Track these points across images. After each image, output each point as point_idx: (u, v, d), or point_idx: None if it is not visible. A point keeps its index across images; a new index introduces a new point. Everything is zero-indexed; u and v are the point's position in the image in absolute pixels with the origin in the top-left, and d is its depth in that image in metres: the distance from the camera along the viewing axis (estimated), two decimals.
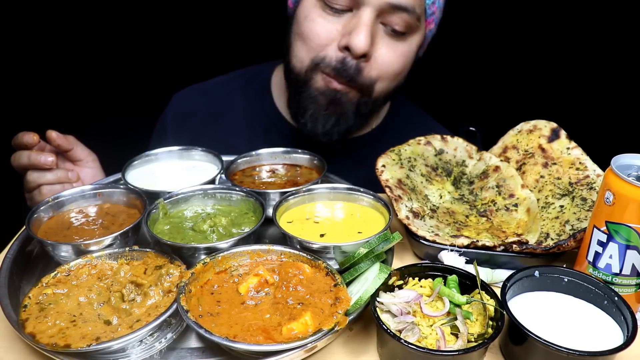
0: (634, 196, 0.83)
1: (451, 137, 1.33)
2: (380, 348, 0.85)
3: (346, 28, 1.27)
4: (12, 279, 0.97)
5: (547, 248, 1.01)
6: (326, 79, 1.32)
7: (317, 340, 0.78)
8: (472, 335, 0.80)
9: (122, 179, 1.22)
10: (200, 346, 0.87)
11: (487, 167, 1.27)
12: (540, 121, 1.28)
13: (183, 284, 0.86)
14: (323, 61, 1.30)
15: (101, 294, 0.88)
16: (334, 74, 1.30)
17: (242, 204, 1.15)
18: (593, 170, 1.15)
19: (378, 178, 1.15)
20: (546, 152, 1.22)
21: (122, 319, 0.83)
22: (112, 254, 0.96)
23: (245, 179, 1.30)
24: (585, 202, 1.09)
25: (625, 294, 0.90)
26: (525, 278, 0.89)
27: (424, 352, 0.74)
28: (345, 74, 1.28)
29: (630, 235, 0.86)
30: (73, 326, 0.81)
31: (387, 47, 1.31)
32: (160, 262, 0.93)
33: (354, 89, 1.33)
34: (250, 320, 0.82)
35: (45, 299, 0.86)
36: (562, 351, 0.73)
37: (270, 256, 0.96)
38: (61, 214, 1.10)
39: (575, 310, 0.87)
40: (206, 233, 1.04)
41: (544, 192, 1.16)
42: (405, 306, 0.83)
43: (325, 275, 0.91)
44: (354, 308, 0.83)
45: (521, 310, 0.84)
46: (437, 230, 1.07)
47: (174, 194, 1.13)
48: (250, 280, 0.89)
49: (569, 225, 1.05)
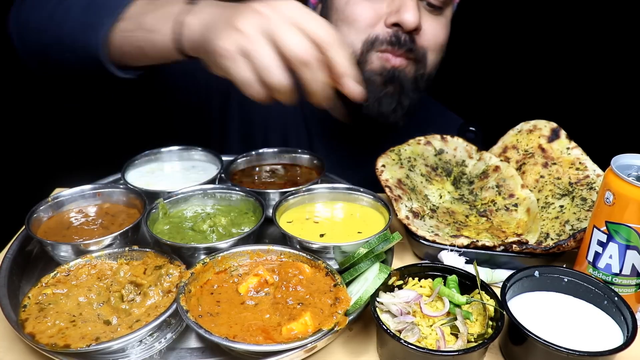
0: (634, 196, 0.83)
1: (451, 137, 1.33)
2: (380, 348, 0.85)
3: (391, 7, 1.32)
4: (12, 279, 0.97)
5: (547, 248, 1.01)
6: (382, 58, 1.35)
7: (317, 340, 0.78)
8: (472, 335, 0.80)
9: (122, 179, 1.22)
10: (200, 346, 0.87)
11: (487, 167, 1.27)
12: (540, 121, 1.27)
13: (183, 284, 0.85)
14: (377, 39, 1.34)
15: (101, 294, 0.88)
16: (391, 49, 1.34)
17: (242, 204, 1.15)
18: (593, 170, 1.15)
19: (378, 178, 1.15)
20: (546, 152, 1.22)
21: (122, 319, 0.83)
22: (111, 254, 0.96)
23: (245, 178, 1.30)
24: (585, 202, 1.09)
25: (625, 294, 0.90)
26: (525, 278, 0.89)
27: (424, 352, 0.74)
28: (401, 45, 1.33)
29: (630, 235, 0.86)
30: (73, 326, 0.81)
31: (430, 21, 1.38)
32: (160, 262, 0.93)
33: (411, 61, 1.37)
34: (250, 321, 0.82)
35: (45, 299, 0.86)
36: (562, 351, 0.73)
37: (270, 256, 0.96)
38: (61, 214, 1.10)
39: (575, 310, 0.87)
40: (206, 233, 1.04)
41: (544, 192, 1.16)
42: (405, 306, 0.83)
43: (325, 276, 0.91)
44: (354, 308, 0.83)
45: (521, 310, 0.84)
46: (437, 230, 1.07)
47: (174, 194, 1.13)
48: (250, 280, 0.89)
49: (569, 225, 1.05)
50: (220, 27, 0.92)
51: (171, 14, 1.04)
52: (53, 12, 1.20)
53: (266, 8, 0.90)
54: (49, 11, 1.20)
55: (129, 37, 1.12)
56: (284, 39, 0.87)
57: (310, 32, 0.89)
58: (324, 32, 0.89)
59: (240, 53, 0.88)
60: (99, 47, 1.13)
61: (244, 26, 0.88)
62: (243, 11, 0.91)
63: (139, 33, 1.11)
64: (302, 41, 0.88)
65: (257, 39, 0.88)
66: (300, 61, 0.88)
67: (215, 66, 0.93)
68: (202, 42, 0.96)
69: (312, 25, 0.89)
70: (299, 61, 0.88)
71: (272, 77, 0.88)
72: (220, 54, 0.90)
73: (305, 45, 0.88)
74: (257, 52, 0.87)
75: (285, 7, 0.91)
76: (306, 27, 0.89)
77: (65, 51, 1.18)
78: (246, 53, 0.88)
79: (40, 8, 1.22)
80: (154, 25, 1.08)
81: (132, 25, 1.12)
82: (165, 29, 1.04)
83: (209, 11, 0.99)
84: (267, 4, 0.90)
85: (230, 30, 0.89)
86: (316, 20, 0.91)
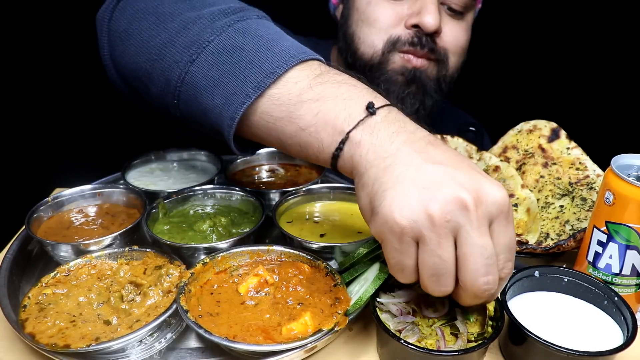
0: (634, 196, 0.83)
1: (451, 137, 1.33)
2: (380, 348, 0.85)
3: (412, 9, 1.34)
4: (12, 278, 0.97)
5: (547, 248, 1.01)
6: (404, 58, 1.38)
7: (317, 340, 0.78)
8: (472, 335, 0.80)
9: (122, 179, 1.22)
10: (200, 346, 0.87)
11: (487, 167, 1.27)
12: (540, 121, 1.28)
13: (183, 284, 0.85)
14: (399, 40, 1.36)
15: (101, 294, 0.88)
16: (413, 49, 1.36)
17: (242, 204, 1.15)
18: (593, 170, 1.15)
19: None
20: (546, 152, 1.22)
21: (122, 319, 0.83)
22: (111, 254, 0.96)
23: (245, 178, 1.30)
24: (585, 202, 1.09)
25: (625, 294, 0.90)
26: (525, 278, 0.89)
27: (424, 352, 0.74)
28: (423, 45, 1.35)
29: (630, 235, 0.86)
30: (72, 326, 0.81)
31: (451, 24, 1.40)
32: (160, 262, 0.93)
33: (432, 62, 1.39)
34: (250, 321, 0.82)
35: (45, 299, 0.86)
36: (562, 351, 0.73)
37: (270, 256, 0.96)
38: (61, 214, 1.10)
39: (575, 310, 0.87)
40: (206, 233, 1.04)
41: (544, 192, 1.16)
42: (405, 306, 0.83)
43: (325, 276, 0.91)
44: (354, 308, 0.83)
45: (521, 310, 0.84)
46: None
47: (174, 194, 1.13)
48: (250, 281, 0.89)
49: (569, 225, 1.05)
50: (404, 188, 0.65)
51: (338, 119, 0.73)
52: (166, 49, 0.86)
53: (473, 202, 0.64)
54: (161, 47, 0.87)
55: (271, 125, 0.80)
56: (471, 262, 0.65)
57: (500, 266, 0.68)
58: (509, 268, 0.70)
59: (413, 237, 0.65)
60: (232, 123, 0.81)
61: (438, 211, 0.63)
62: (444, 186, 0.64)
63: (289, 127, 0.78)
64: (491, 279, 0.67)
65: (445, 236, 0.64)
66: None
67: (372, 227, 0.71)
68: (370, 193, 0.69)
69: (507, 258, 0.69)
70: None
71: (438, 287, 0.69)
72: (388, 223, 0.66)
73: (491, 282, 0.67)
74: (434, 253, 0.65)
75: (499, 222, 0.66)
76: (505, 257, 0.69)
77: (180, 107, 0.90)
78: (422, 242, 0.65)
79: (147, 37, 0.89)
80: (307, 128, 0.76)
81: (278, 114, 0.79)
82: (327, 139, 0.74)
83: (400, 147, 0.69)
84: (480, 195, 0.64)
85: (417, 204, 0.64)
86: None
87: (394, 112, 0.75)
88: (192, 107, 0.86)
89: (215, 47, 0.82)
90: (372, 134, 0.71)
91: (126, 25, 0.94)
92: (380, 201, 0.66)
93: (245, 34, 0.83)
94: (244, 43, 0.81)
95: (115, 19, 0.97)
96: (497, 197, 0.65)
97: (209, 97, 0.82)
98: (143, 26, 0.90)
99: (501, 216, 0.66)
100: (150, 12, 0.91)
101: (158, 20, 0.89)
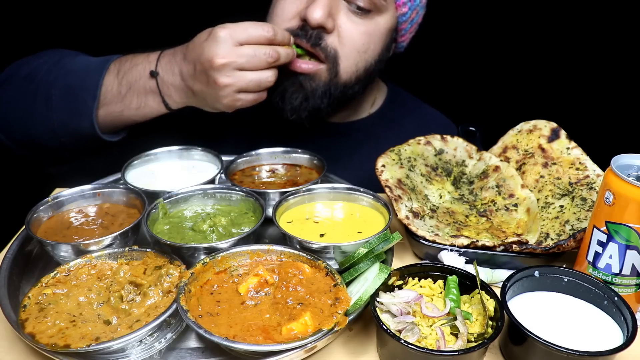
0: (634, 196, 0.83)
1: (451, 137, 1.33)
2: (380, 348, 0.85)
3: (306, 3, 1.33)
4: (12, 278, 0.97)
5: (547, 248, 1.01)
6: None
7: (316, 340, 0.78)
8: (472, 335, 0.80)
9: (122, 179, 1.22)
10: (200, 346, 0.87)
11: (487, 167, 1.27)
12: (540, 121, 1.27)
13: (183, 284, 0.85)
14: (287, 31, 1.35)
15: (101, 294, 0.88)
16: (298, 40, 1.33)
17: (242, 204, 1.15)
18: (593, 170, 1.15)
19: (378, 178, 1.15)
20: (546, 152, 1.22)
21: (122, 319, 0.83)
22: (111, 254, 0.96)
23: (245, 178, 1.30)
24: (585, 202, 1.09)
25: (625, 294, 0.90)
26: (525, 278, 0.89)
27: (424, 352, 0.74)
28: (305, 37, 1.32)
29: (630, 235, 0.86)
30: (73, 326, 0.81)
31: (351, 23, 1.35)
32: (160, 262, 0.93)
33: (324, 67, 1.34)
34: (250, 321, 0.82)
35: (45, 299, 0.86)
36: (562, 351, 0.73)
37: (270, 256, 0.96)
38: (61, 214, 1.10)
39: (575, 310, 0.87)
40: (206, 233, 1.04)
41: (544, 192, 1.16)
42: (405, 306, 0.83)
43: (325, 276, 0.91)
44: (354, 308, 0.83)
45: (521, 310, 0.84)
46: (437, 230, 1.07)
47: (174, 194, 1.13)
48: (250, 281, 0.89)
49: (569, 225, 1.05)
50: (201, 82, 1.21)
51: (147, 89, 1.27)
52: (32, 109, 1.31)
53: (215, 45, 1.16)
54: (27, 108, 1.32)
55: (119, 116, 1.31)
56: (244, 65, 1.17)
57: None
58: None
59: (236, 90, 1.20)
60: (94, 128, 1.29)
61: (219, 79, 1.16)
62: (213, 67, 1.16)
63: (128, 112, 1.30)
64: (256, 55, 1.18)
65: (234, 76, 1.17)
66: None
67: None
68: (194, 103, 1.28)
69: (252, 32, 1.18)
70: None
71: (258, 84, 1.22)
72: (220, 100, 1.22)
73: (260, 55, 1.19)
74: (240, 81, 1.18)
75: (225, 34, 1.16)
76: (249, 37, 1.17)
77: (59, 137, 1.33)
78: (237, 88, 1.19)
79: (14, 107, 1.34)
80: (139, 103, 1.29)
81: (118, 107, 1.30)
82: (152, 103, 1.28)
83: (178, 71, 1.24)
84: (210, 38, 1.17)
85: (213, 87, 1.18)
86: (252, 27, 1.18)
87: (163, 66, 1.27)
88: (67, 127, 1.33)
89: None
90: (164, 79, 1.27)
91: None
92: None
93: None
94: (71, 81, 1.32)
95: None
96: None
97: (67, 107, 1.31)
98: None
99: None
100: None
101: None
